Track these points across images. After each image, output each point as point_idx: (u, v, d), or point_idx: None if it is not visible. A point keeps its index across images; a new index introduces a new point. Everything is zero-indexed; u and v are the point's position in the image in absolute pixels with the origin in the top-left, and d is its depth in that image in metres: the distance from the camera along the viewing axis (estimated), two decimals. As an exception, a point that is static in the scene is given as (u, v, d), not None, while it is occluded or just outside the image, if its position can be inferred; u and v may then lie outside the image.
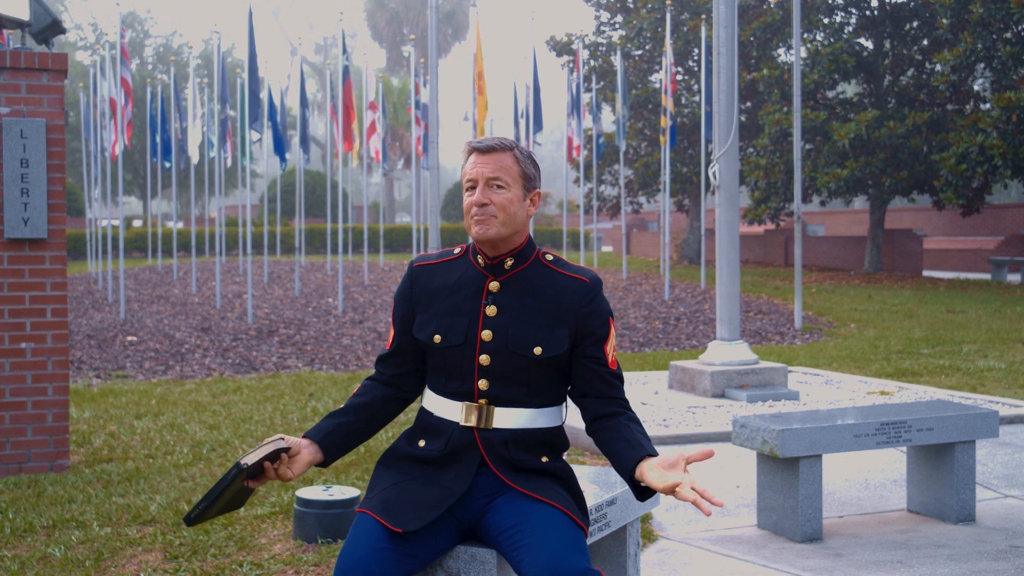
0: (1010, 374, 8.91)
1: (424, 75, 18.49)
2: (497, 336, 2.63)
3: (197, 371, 10.03)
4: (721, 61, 7.90)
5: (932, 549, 4.35)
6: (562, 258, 2.76)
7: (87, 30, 46.54)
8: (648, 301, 16.38)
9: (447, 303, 2.68)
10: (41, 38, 5.91)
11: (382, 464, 2.72)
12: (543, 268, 2.70)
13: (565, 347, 2.64)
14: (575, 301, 2.65)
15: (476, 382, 2.65)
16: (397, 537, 2.48)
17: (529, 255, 2.71)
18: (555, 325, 2.64)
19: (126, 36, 16.35)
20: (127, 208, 58.36)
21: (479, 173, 2.64)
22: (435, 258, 2.77)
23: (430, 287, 2.72)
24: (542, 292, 2.67)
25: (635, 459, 2.53)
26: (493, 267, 2.69)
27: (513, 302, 2.66)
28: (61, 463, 5.63)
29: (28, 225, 5.51)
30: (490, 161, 2.64)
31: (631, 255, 31.33)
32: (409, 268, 2.78)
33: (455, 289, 2.69)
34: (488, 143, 2.66)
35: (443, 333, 2.66)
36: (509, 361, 2.63)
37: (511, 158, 2.66)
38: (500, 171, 2.63)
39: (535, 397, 2.67)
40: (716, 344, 7.86)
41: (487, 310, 2.65)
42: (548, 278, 2.68)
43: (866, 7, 22.52)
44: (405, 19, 54.55)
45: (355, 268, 22.96)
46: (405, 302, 2.75)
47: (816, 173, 20.80)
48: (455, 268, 2.73)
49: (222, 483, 2.49)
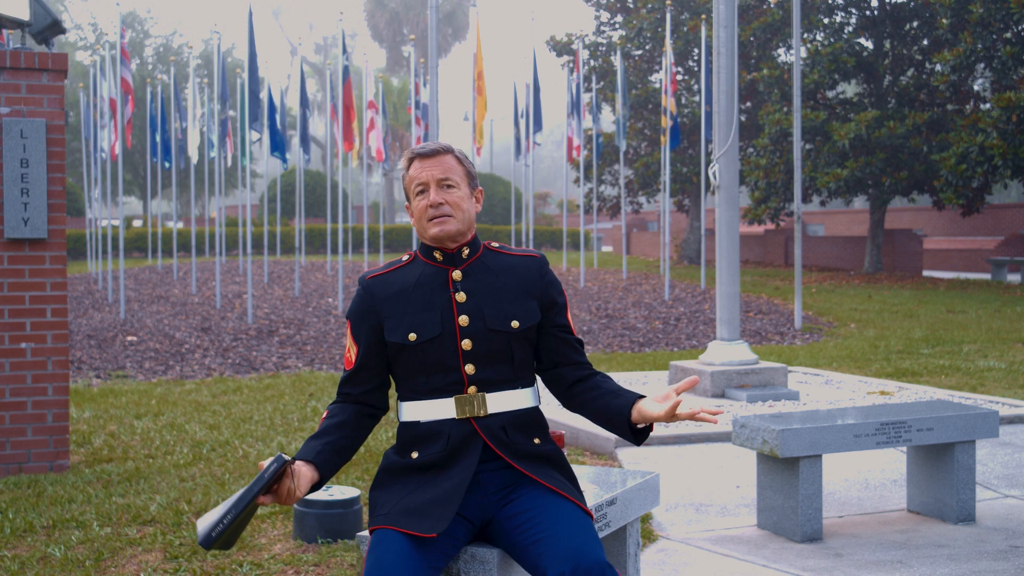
0: (1010, 374, 8.90)
1: (424, 75, 18.49)
2: (474, 319, 2.70)
3: (197, 371, 10.03)
4: (721, 61, 7.90)
5: (932, 549, 4.35)
6: (504, 243, 2.84)
7: (87, 30, 46.55)
8: (648, 301, 16.38)
9: (413, 302, 2.73)
10: (41, 38, 5.91)
11: (381, 486, 2.71)
12: (493, 253, 2.83)
13: (538, 316, 2.77)
14: (533, 275, 2.80)
15: (463, 368, 2.69)
16: (420, 546, 2.49)
17: (479, 245, 2.82)
18: (524, 299, 2.76)
19: (126, 36, 16.34)
20: (127, 208, 58.38)
21: (429, 176, 2.73)
22: (384, 268, 2.82)
23: (389, 293, 2.75)
24: (501, 272, 2.78)
25: (629, 404, 2.71)
26: (452, 258, 2.77)
27: (479, 285, 2.75)
28: (61, 463, 5.63)
29: (28, 225, 5.51)
30: (436, 164, 2.74)
31: (631, 255, 31.34)
32: (361, 282, 2.79)
33: (417, 287, 2.75)
34: (430, 147, 2.76)
35: (418, 330, 2.70)
36: (490, 340, 2.70)
37: (453, 159, 2.77)
38: (448, 172, 2.74)
39: (519, 374, 2.75)
40: (716, 344, 7.86)
41: (457, 297, 2.72)
42: (501, 260, 2.81)
43: (866, 7, 22.52)
44: (405, 19, 54.56)
45: (355, 268, 22.96)
46: (367, 315, 2.75)
47: (816, 173, 20.80)
48: (410, 272, 2.79)
49: (252, 490, 2.41)
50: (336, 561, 4.04)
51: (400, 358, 2.73)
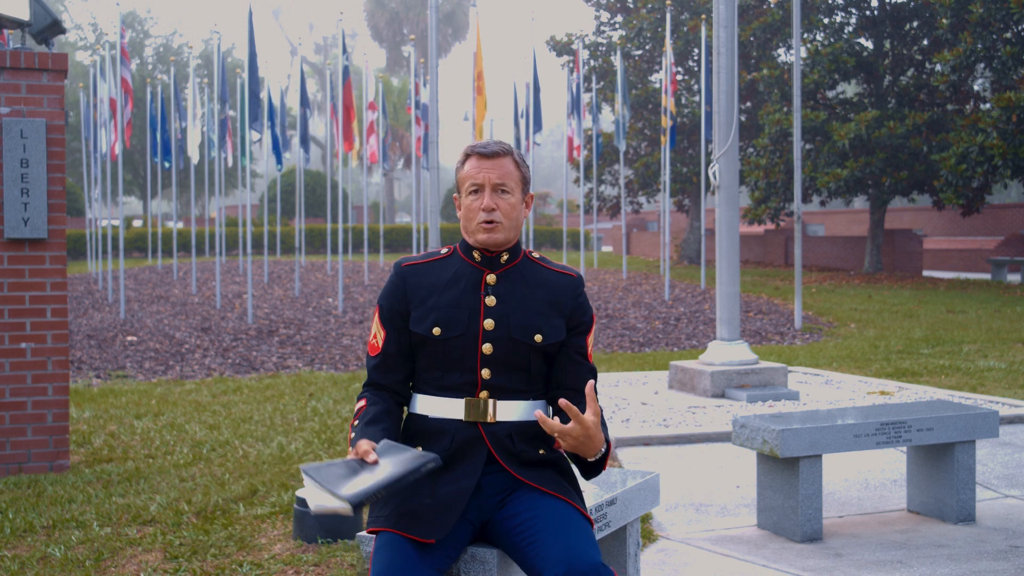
0: (1010, 374, 8.90)
1: (424, 75, 18.49)
2: (499, 325, 2.69)
3: (197, 371, 10.02)
4: (721, 61, 7.90)
5: (932, 549, 4.35)
6: (546, 256, 2.86)
7: (87, 30, 46.53)
8: (648, 301, 16.38)
9: (444, 297, 2.71)
10: (41, 38, 5.91)
11: None
12: (532, 264, 2.80)
13: (563, 335, 2.74)
14: (566, 293, 2.77)
15: (479, 371, 2.68)
16: (423, 549, 2.50)
17: (519, 252, 2.80)
18: (552, 315, 2.73)
19: (126, 36, 16.34)
20: (127, 208, 58.37)
21: (486, 178, 2.70)
22: (422, 258, 2.80)
23: (423, 283, 2.74)
24: (535, 284, 2.76)
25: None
26: (489, 261, 2.75)
27: (511, 293, 2.73)
28: (61, 463, 5.64)
29: (28, 225, 5.51)
30: (494, 167, 2.71)
31: (631, 255, 31.34)
32: (397, 268, 2.78)
33: (451, 284, 2.73)
34: (492, 148, 2.72)
35: (443, 325, 2.69)
36: (511, 349, 2.69)
37: (512, 163, 2.74)
38: (505, 177, 2.71)
39: (532, 386, 2.73)
40: (716, 344, 7.86)
41: (487, 300, 2.71)
42: (539, 272, 2.79)
43: (866, 7, 22.51)
44: (405, 19, 54.55)
45: (355, 268, 22.96)
46: (397, 300, 2.75)
47: (816, 173, 20.80)
48: (447, 266, 2.78)
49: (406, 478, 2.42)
50: (336, 561, 4.04)
51: (422, 350, 2.73)
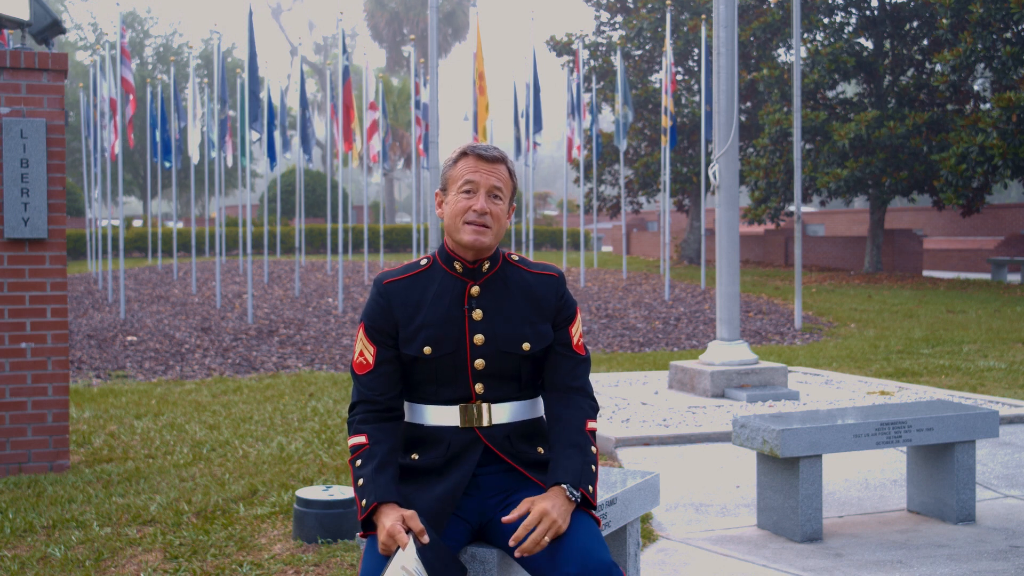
0: (1010, 374, 8.90)
1: (424, 75, 18.49)
2: (488, 339, 2.67)
3: (197, 371, 10.02)
4: (721, 61, 7.89)
5: (932, 549, 4.35)
6: (524, 256, 2.83)
7: (87, 30, 46.54)
8: (648, 301, 16.38)
9: (431, 314, 2.67)
10: (41, 38, 5.91)
11: None
12: (512, 267, 2.77)
13: (550, 339, 2.73)
14: (549, 295, 2.75)
15: (472, 385, 2.68)
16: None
17: (499, 257, 2.77)
18: (537, 320, 2.72)
19: (126, 36, 16.34)
20: (127, 208, 58.38)
21: (483, 180, 2.67)
22: (401, 273, 2.74)
23: (408, 300, 2.69)
24: (518, 290, 2.73)
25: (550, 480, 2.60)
26: (472, 271, 2.71)
27: (495, 304, 2.70)
28: (61, 463, 5.63)
29: (28, 225, 5.51)
30: (493, 171, 2.69)
31: (631, 255, 31.33)
32: (378, 286, 2.72)
33: (435, 299, 2.69)
34: (493, 153, 2.69)
35: (433, 344, 2.66)
36: (501, 361, 2.68)
37: (506, 171, 2.72)
38: (500, 182, 2.69)
39: (524, 390, 2.74)
40: (716, 344, 7.86)
41: (473, 315, 2.68)
42: (520, 276, 2.76)
43: (866, 7, 22.51)
44: (405, 19, 54.52)
45: (355, 268, 22.96)
46: (383, 319, 2.68)
47: (816, 173, 20.80)
48: (429, 279, 2.72)
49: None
50: (336, 561, 4.04)
51: (413, 368, 2.71)
